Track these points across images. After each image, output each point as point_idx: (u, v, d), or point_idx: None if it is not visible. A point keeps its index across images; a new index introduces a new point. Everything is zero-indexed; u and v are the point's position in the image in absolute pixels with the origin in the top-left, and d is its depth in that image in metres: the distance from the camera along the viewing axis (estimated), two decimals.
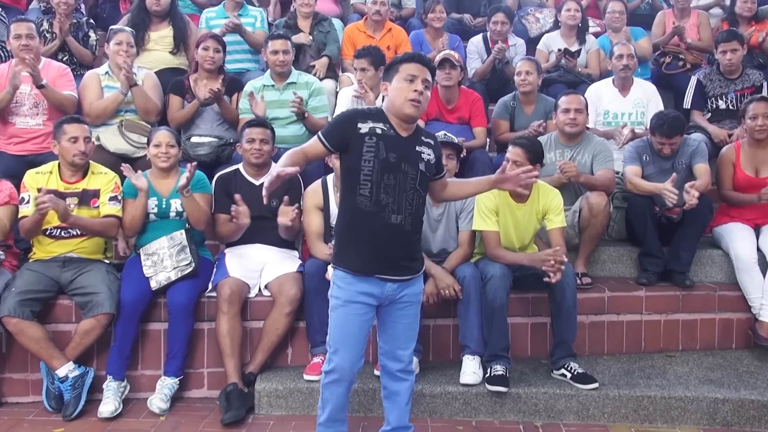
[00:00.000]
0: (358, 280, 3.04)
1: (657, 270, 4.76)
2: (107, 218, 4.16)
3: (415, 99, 3.00)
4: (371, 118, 3.03)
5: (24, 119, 4.92)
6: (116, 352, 4.03)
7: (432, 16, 6.47)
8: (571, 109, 4.77)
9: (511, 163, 4.16)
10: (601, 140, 4.90)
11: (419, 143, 3.10)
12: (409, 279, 3.14)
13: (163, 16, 5.89)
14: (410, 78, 3.01)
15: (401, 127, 3.07)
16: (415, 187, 3.04)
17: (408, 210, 3.03)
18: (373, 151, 2.96)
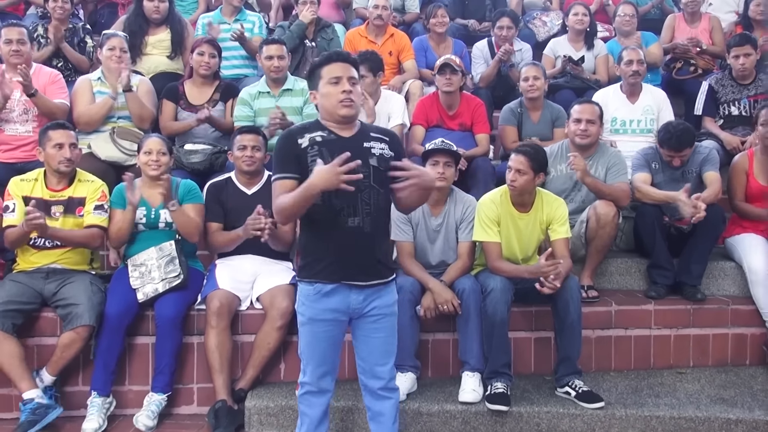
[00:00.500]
0: (322, 296, 2.95)
1: (667, 283, 4.58)
2: (90, 229, 4.02)
3: (344, 99, 2.91)
4: (308, 131, 2.97)
5: (13, 126, 4.81)
6: (100, 366, 3.89)
7: (434, 21, 6.32)
8: (583, 120, 4.58)
9: (514, 171, 4.01)
10: (616, 152, 4.71)
11: (368, 139, 2.99)
12: (377, 285, 2.99)
13: (161, 21, 5.78)
14: (334, 80, 2.94)
15: (342, 129, 2.98)
16: (369, 184, 2.92)
17: (365, 210, 2.92)
18: (315, 157, 2.86)
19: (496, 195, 4.15)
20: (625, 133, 5.42)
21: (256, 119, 5.09)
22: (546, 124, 5.37)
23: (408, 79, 6.01)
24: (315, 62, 3.02)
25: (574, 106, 4.68)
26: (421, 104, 5.30)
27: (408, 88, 5.84)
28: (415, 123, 5.20)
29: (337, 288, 2.95)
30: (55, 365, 3.85)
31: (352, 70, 2.97)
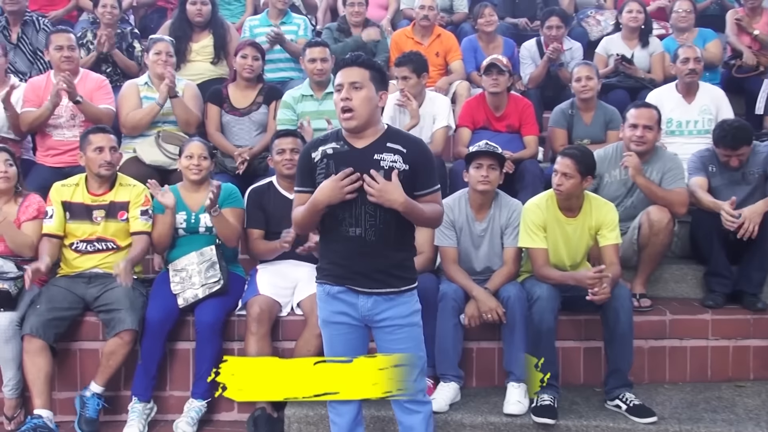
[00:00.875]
0: (330, 297, 2.91)
1: (725, 291, 4.37)
2: (140, 236, 4.06)
3: (342, 108, 2.81)
4: (323, 143, 2.89)
5: (61, 131, 4.85)
6: (141, 372, 3.89)
7: (482, 21, 6.18)
8: (640, 125, 4.36)
9: (560, 174, 3.86)
10: (673, 156, 4.50)
11: (380, 150, 2.84)
12: (386, 294, 2.87)
13: (204, 26, 5.77)
14: (338, 88, 2.86)
15: (357, 139, 2.87)
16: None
17: (369, 222, 2.82)
18: (323, 171, 2.83)
19: (542, 199, 4.01)
20: (681, 134, 5.21)
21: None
22: (599, 126, 5.19)
23: (455, 80, 5.90)
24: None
25: (630, 110, 4.47)
26: (468, 105, 5.18)
27: (455, 90, 5.72)
28: (461, 125, 5.08)
29: (343, 291, 2.88)
30: (102, 375, 3.85)
31: (355, 73, 2.82)
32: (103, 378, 3.85)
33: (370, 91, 2.82)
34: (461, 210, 4.07)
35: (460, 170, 4.35)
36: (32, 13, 5.94)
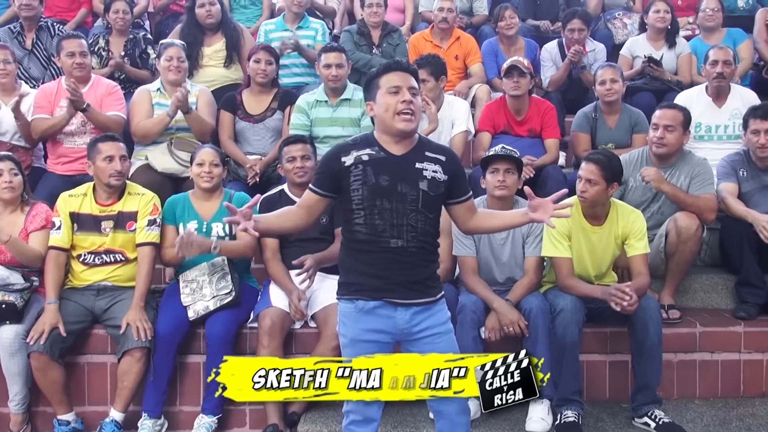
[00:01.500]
0: (364, 314, 2.74)
1: (758, 302, 4.19)
2: (143, 246, 3.91)
3: (404, 111, 2.68)
4: (356, 147, 2.75)
5: (72, 138, 4.75)
6: (151, 387, 3.79)
7: (502, 24, 6.02)
8: (660, 126, 4.19)
9: (584, 181, 3.70)
10: (702, 161, 4.31)
11: (421, 159, 2.74)
12: (424, 304, 2.76)
13: (216, 28, 5.65)
14: (394, 90, 2.70)
15: (395, 145, 2.75)
16: (417, 208, 2.71)
17: (411, 234, 2.71)
18: (360, 178, 2.71)
19: None
20: (711, 139, 5.01)
21: (312, 129, 4.91)
22: (624, 129, 5.01)
23: (475, 83, 5.74)
24: (373, 72, 2.82)
25: (656, 111, 4.31)
26: (488, 109, 5.02)
27: (475, 93, 5.57)
28: (481, 129, 4.93)
29: (380, 305, 2.73)
30: (120, 399, 3.75)
31: (413, 80, 2.75)
32: (121, 402, 3.75)
33: (420, 100, 2.78)
34: None
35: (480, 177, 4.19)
36: (47, 19, 5.88)
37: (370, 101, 2.79)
